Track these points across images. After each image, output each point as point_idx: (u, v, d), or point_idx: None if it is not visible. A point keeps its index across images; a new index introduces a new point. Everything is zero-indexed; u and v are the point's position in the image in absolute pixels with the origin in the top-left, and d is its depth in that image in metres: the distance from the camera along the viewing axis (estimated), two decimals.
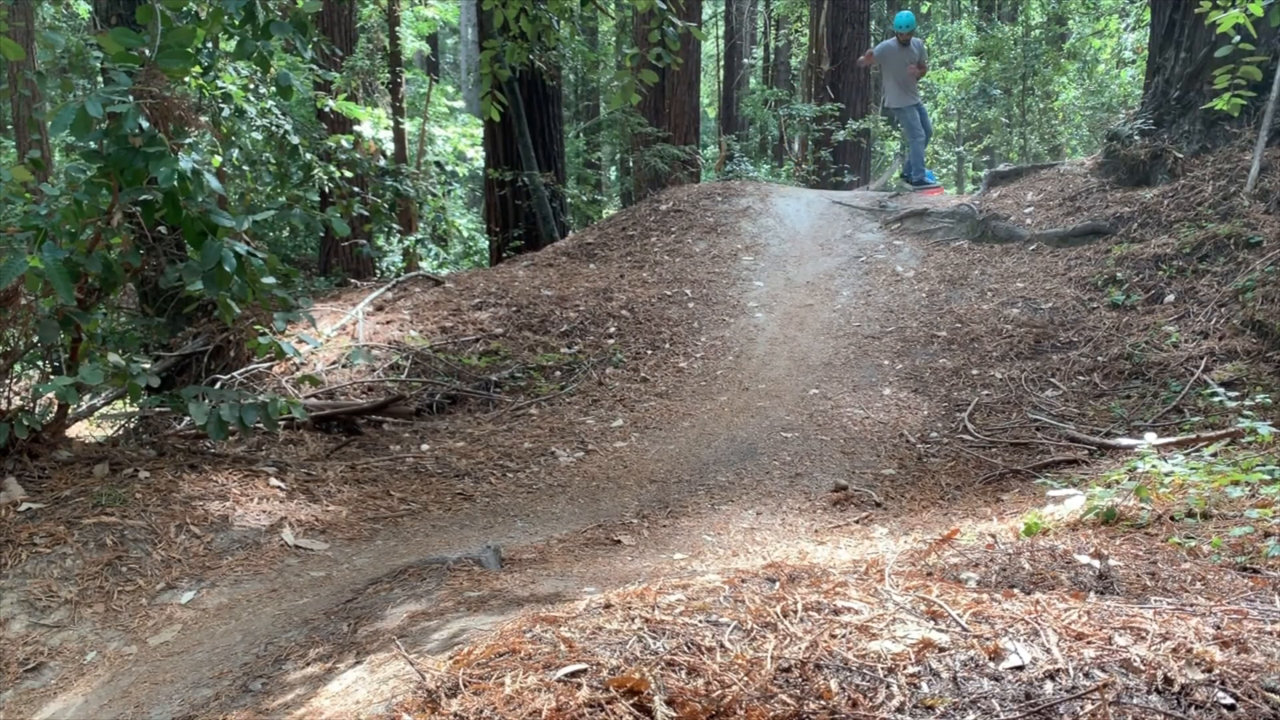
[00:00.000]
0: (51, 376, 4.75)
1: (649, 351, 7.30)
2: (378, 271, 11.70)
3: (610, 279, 8.63)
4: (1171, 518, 3.07)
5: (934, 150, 18.48)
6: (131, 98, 4.09)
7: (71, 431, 5.28)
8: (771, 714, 1.47)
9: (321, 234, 11.51)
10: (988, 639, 1.68)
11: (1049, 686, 1.52)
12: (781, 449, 5.51)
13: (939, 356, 6.66)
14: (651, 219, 10.02)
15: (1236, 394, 5.07)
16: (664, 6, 5.50)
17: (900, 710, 1.48)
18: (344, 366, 6.82)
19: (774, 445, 5.57)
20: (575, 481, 5.37)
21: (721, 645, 1.72)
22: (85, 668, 3.33)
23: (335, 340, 7.28)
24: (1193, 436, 4.67)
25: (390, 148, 9.97)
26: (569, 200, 13.15)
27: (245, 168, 8.32)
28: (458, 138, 13.44)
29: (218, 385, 5.86)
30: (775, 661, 1.63)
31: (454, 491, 5.21)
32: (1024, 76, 15.11)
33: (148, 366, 4.95)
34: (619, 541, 4.25)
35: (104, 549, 3.87)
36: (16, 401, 4.65)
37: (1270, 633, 1.72)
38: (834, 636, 1.72)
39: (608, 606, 2.01)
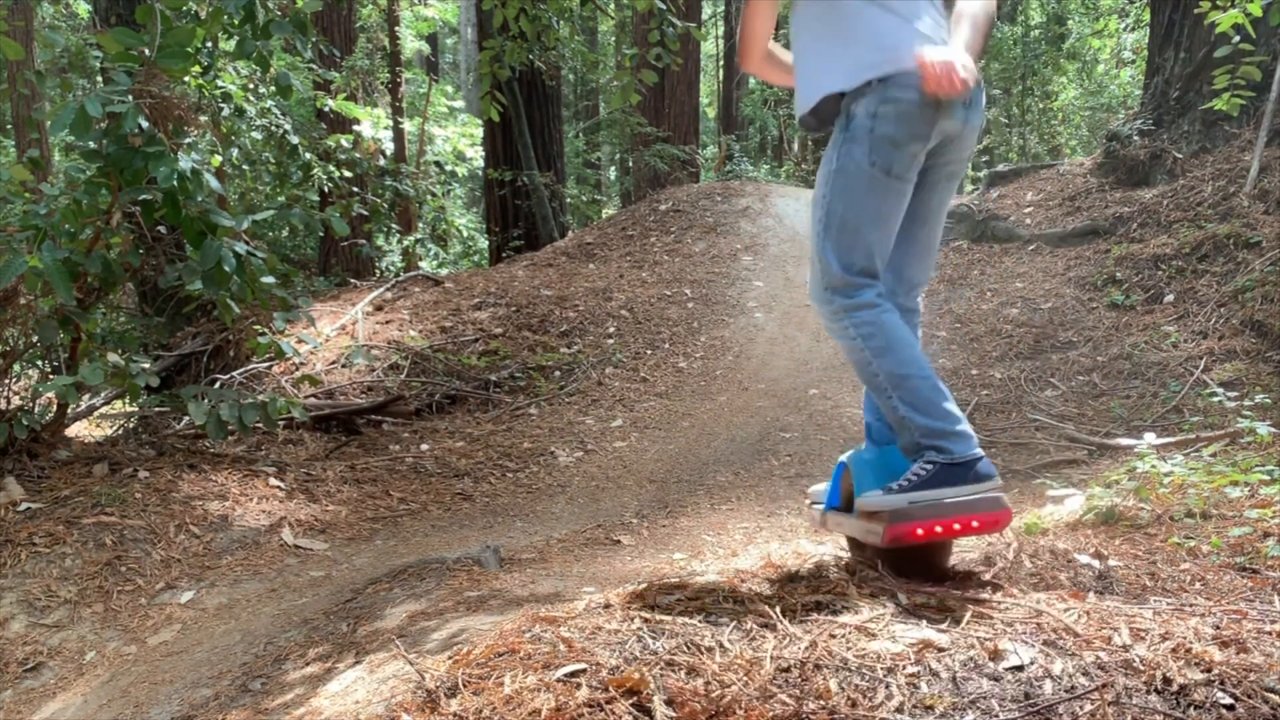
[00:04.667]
0: (51, 376, 4.75)
1: (648, 351, 7.30)
2: (377, 271, 11.70)
3: (610, 279, 8.63)
4: (1171, 518, 3.07)
5: None
6: (131, 97, 4.09)
7: (71, 431, 5.28)
8: (771, 714, 1.47)
9: (321, 234, 11.52)
10: (987, 639, 1.68)
11: (1048, 686, 1.52)
12: (781, 449, 5.51)
13: (938, 357, 6.67)
14: (651, 219, 10.03)
15: (1236, 394, 5.08)
16: (664, 6, 5.51)
17: (900, 710, 1.48)
18: (343, 366, 6.82)
19: (774, 445, 5.57)
20: (575, 481, 5.37)
21: (721, 645, 1.72)
22: (84, 667, 3.33)
23: (335, 340, 7.28)
24: (1192, 437, 4.67)
25: (390, 147, 9.98)
26: (569, 200, 13.16)
27: (245, 168, 8.32)
28: (457, 138, 13.44)
29: (217, 385, 5.86)
30: (774, 661, 1.63)
31: (453, 491, 5.22)
32: (1023, 76, 15.12)
33: (147, 366, 4.95)
34: (618, 541, 4.25)
35: (103, 549, 3.87)
36: (16, 401, 4.65)
37: (1269, 633, 1.72)
38: (833, 636, 1.72)
39: (607, 606, 2.01)
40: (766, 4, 2.39)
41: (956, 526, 2.10)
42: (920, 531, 2.10)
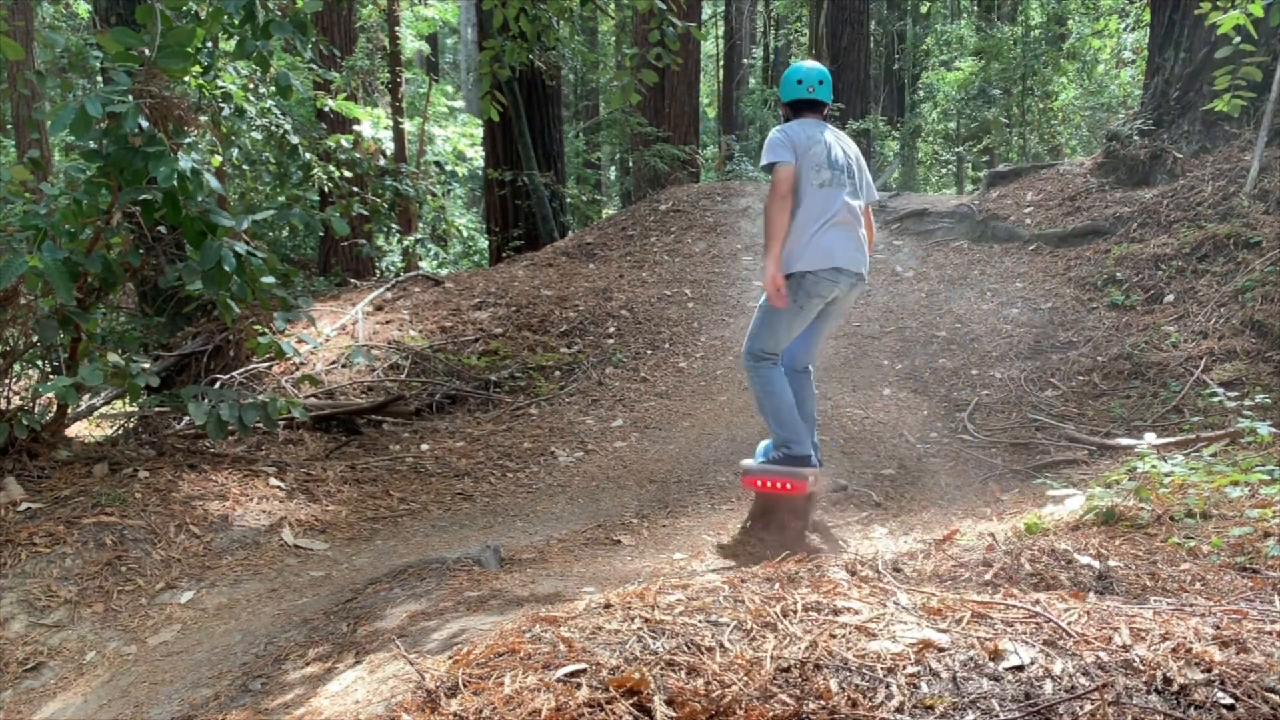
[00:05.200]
0: (51, 376, 4.75)
1: (649, 351, 7.30)
2: (377, 271, 11.69)
3: (610, 279, 8.63)
4: (1171, 518, 3.07)
5: (934, 150, 18.47)
6: (131, 97, 4.09)
7: (71, 431, 5.28)
8: (771, 714, 1.47)
9: (321, 234, 11.51)
10: (987, 639, 1.68)
11: (1048, 686, 1.52)
12: None
13: (939, 356, 6.66)
14: (651, 219, 10.02)
15: (1236, 394, 5.08)
16: (664, 6, 5.50)
17: (900, 710, 1.48)
18: (344, 366, 6.82)
19: None
20: (575, 481, 5.37)
21: (721, 645, 1.72)
22: (84, 667, 3.33)
23: (335, 340, 7.28)
24: (1192, 436, 4.67)
25: (390, 148, 9.96)
26: (569, 200, 13.15)
27: (245, 168, 8.32)
28: (457, 138, 13.43)
29: (217, 385, 5.86)
30: (775, 661, 1.63)
31: (453, 491, 5.21)
32: (1023, 76, 15.11)
33: (147, 366, 4.94)
34: (619, 541, 4.25)
35: (103, 549, 3.87)
36: (16, 401, 4.65)
37: (1270, 633, 1.72)
38: (833, 636, 1.72)
39: (607, 606, 2.01)
40: (784, 203, 3.82)
41: (777, 485, 3.84)
42: (759, 483, 3.91)
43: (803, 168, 3.89)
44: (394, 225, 9.49)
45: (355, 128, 8.85)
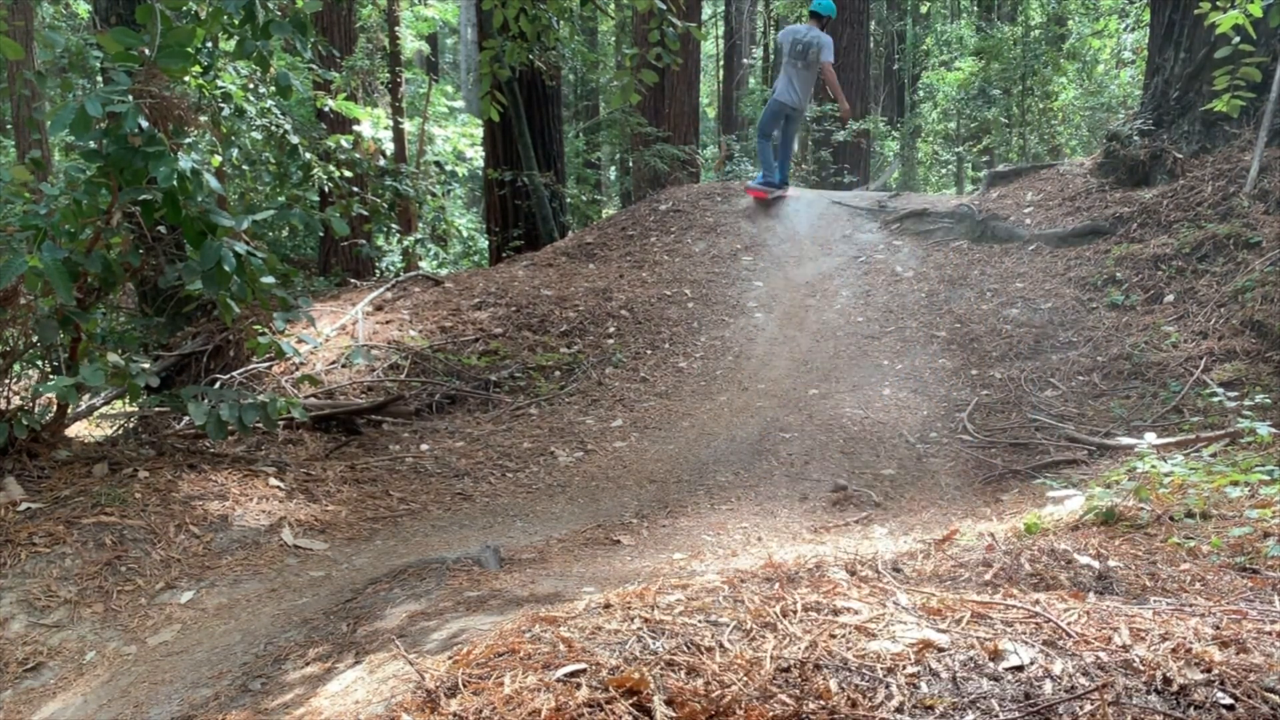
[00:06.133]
0: (51, 376, 4.75)
1: (648, 351, 7.30)
2: (377, 271, 11.69)
3: (610, 279, 8.63)
4: (1171, 518, 3.07)
5: (933, 150, 18.46)
6: (131, 97, 4.09)
7: (71, 431, 5.28)
8: (771, 714, 1.47)
9: (321, 234, 11.50)
10: (987, 639, 1.68)
11: (1048, 686, 1.52)
12: (781, 449, 5.51)
13: (938, 356, 6.67)
14: (651, 219, 10.02)
15: (1236, 394, 5.08)
16: (664, 6, 5.50)
17: (899, 710, 1.48)
18: (343, 366, 6.82)
19: (773, 445, 5.57)
20: (575, 481, 5.37)
21: (721, 645, 1.72)
22: (84, 667, 3.33)
23: (335, 340, 7.28)
24: (1192, 437, 4.67)
25: (390, 148, 9.96)
26: (569, 200, 13.14)
27: (245, 168, 8.33)
28: (457, 138, 13.42)
29: (217, 385, 5.85)
30: (775, 661, 1.63)
31: (453, 491, 5.22)
32: (1023, 77, 15.11)
33: (147, 366, 4.94)
34: (618, 541, 4.25)
35: (103, 549, 3.87)
36: (16, 401, 4.65)
37: (1269, 633, 1.72)
38: (833, 636, 1.72)
39: (607, 606, 2.02)
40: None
41: (766, 195, 9.73)
42: (759, 193, 9.78)
43: (785, 49, 9.14)
44: (394, 225, 9.50)
45: (355, 128, 8.86)
